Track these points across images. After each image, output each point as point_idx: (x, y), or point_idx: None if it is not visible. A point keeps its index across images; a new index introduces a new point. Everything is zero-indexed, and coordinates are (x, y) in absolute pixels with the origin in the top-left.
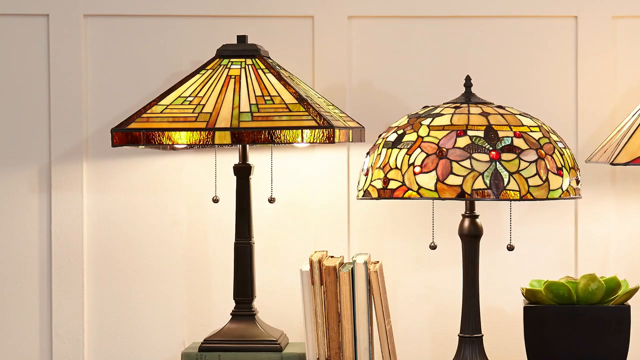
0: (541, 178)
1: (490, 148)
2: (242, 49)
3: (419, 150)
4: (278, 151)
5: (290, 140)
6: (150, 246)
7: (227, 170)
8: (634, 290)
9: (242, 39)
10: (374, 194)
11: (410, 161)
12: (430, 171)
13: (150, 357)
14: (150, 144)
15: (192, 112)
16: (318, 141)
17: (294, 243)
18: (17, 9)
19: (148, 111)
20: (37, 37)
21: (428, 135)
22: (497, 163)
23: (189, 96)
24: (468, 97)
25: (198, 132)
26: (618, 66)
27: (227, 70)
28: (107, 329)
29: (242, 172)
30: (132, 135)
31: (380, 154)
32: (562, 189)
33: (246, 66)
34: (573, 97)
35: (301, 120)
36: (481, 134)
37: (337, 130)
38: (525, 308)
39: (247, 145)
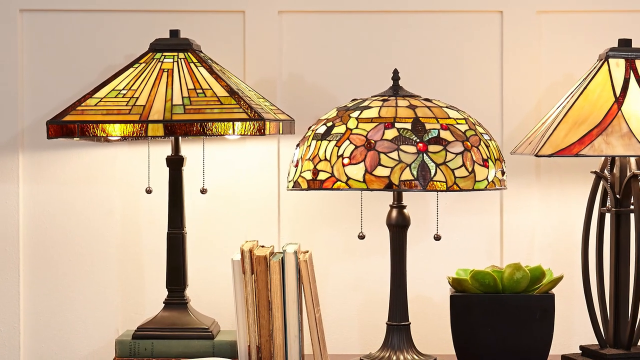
0: (467, 169)
1: (418, 140)
2: (174, 43)
3: (347, 142)
4: (210, 143)
5: (222, 133)
6: (84, 236)
7: (160, 162)
8: (558, 279)
9: (174, 33)
10: (304, 185)
11: (339, 153)
12: (359, 163)
13: (85, 344)
14: (84, 136)
15: (126, 105)
16: (249, 133)
17: (226, 233)
18: None
19: (83, 104)
20: None
21: (357, 127)
22: (424, 155)
23: (123, 89)
24: (396, 90)
25: (131, 124)
26: (542, 60)
27: (160, 64)
28: (43, 317)
29: (175, 163)
30: (67, 127)
31: (309, 145)
32: (487, 180)
33: (179, 60)
34: (498, 90)
35: (232, 113)
36: (408, 126)
37: (267, 123)
38: (451, 297)
39: (180, 137)
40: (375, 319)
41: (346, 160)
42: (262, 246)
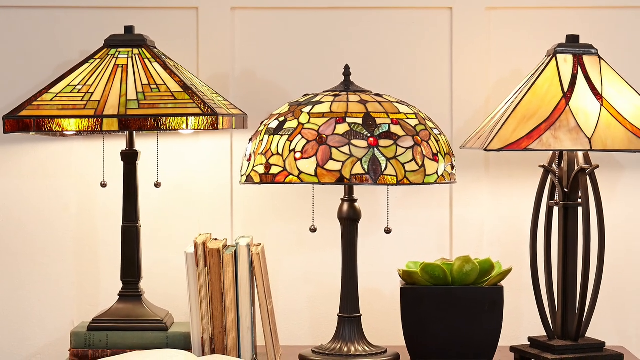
0: (417, 163)
1: (369, 135)
2: (129, 39)
3: (299, 136)
4: (164, 138)
5: (176, 127)
6: (40, 230)
7: (114, 156)
8: (507, 272)
9: (129, 29)
10: (257, 179)
11: (291, 147)
12: (311, 157)
13: (41, 336)
14: (40, 131)
15: (81, 100)
16: (202, 128)
17: (179, 226)
18: None
19: (38, 99)
20: None
21: (308, 122)
22: (375, 149)
23: (78, 85)
24: (347, 86)
25: (87, 119)
26: (491, 56)
27: (114, 59)
28: None
29: (129, 157)
30: (23, 122)
31: (262, 140)
32: (437, 174)
33: (133, 56)
34: (448, 86)
35: (186, 108)
36: (360, 121)
37: (220, 118)
38: (402, 289)
39: (134, 132)
40: (327, 310)
41: (298, 155)
42: (216, 239)
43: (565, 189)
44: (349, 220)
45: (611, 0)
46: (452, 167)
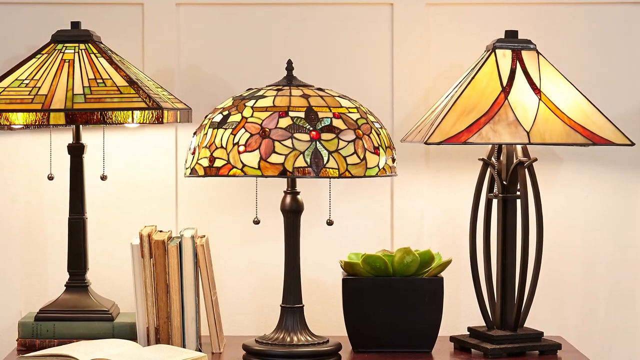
0: (359, 157)
1: (311, 128)
2: (75, 35)
3: (243, 130)
4: (110, 131)
5: (122, 121)
6: None
7: (61, 149)
8: (447, 263)
9: (75, 25)
10: (201, 172)
11: (235, 141)
12: (254, 150)
13: None
14: None
15: (29, 94)
16: (148, 122)
17: (125, 218)
18: None
19: None
20: None
21: (252, 116)
22: (317, 142)
23: (26, 79)
24: (290, 80)
25: (34, 113)
26: (432, 51)
27: (61, 54)
28: None
29: (76, 151)
30: None
31: (206, 133)
32: (378, 167)
33: (79, 51)
34: (389, 80)
35: (132, 102)
36: (302, 115)
37: (165, 112)
38: (343, 280)
39: (81, 126)
40: (270, 301)
41: (242, 148)
42: (161, 231)
43: (504, 182)
44: (292, 213)
45: None
46: (393, 160)
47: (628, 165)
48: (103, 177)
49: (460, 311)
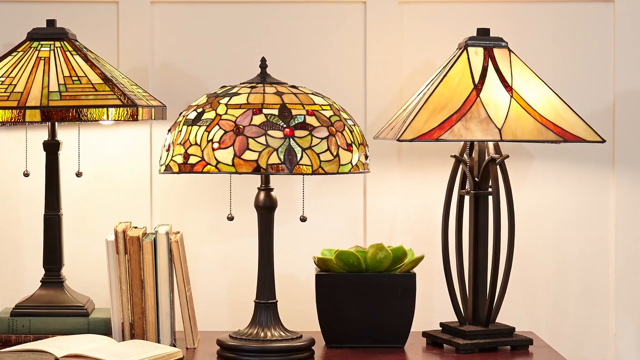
0: (332, 153)
1: (284, 125)
2: (51, 33)
3: (217, 127)
4: (85, 128)
5: (97, 118)
6: None
7: (37, 146)
8: (419, 259)
9: (51, 23)
10: (175, 169)
11: (209, 138)
12: (228, 147)
13: None
14: None
15: (4, 92)
16: (123, 119)
17: (100, 214)
18: None
19: None
20: None
21: (226, 113)
22: (291, 139)
23: (1, 77)
24: (263, 78)
25: (10, 110)
26: (404, 49)
27: (37, 52)
28: None
29: (51, 148)
30: None
31: (181, 131)
32: (351, 164)
33: (55, 49)
34: (362, 78)
35: (107, 100)
36: (276, 112)
37: (140, 109)
38: (317, 276)
39: (56, 123)
40: (244, 297)
41: (216, 145)
42: (135, 227)
43: (476, 178)
44: (265, 209)
45: None
46: (366, 157)
47: (599, 162)
48: (78, 174)
49: (433, 307)
